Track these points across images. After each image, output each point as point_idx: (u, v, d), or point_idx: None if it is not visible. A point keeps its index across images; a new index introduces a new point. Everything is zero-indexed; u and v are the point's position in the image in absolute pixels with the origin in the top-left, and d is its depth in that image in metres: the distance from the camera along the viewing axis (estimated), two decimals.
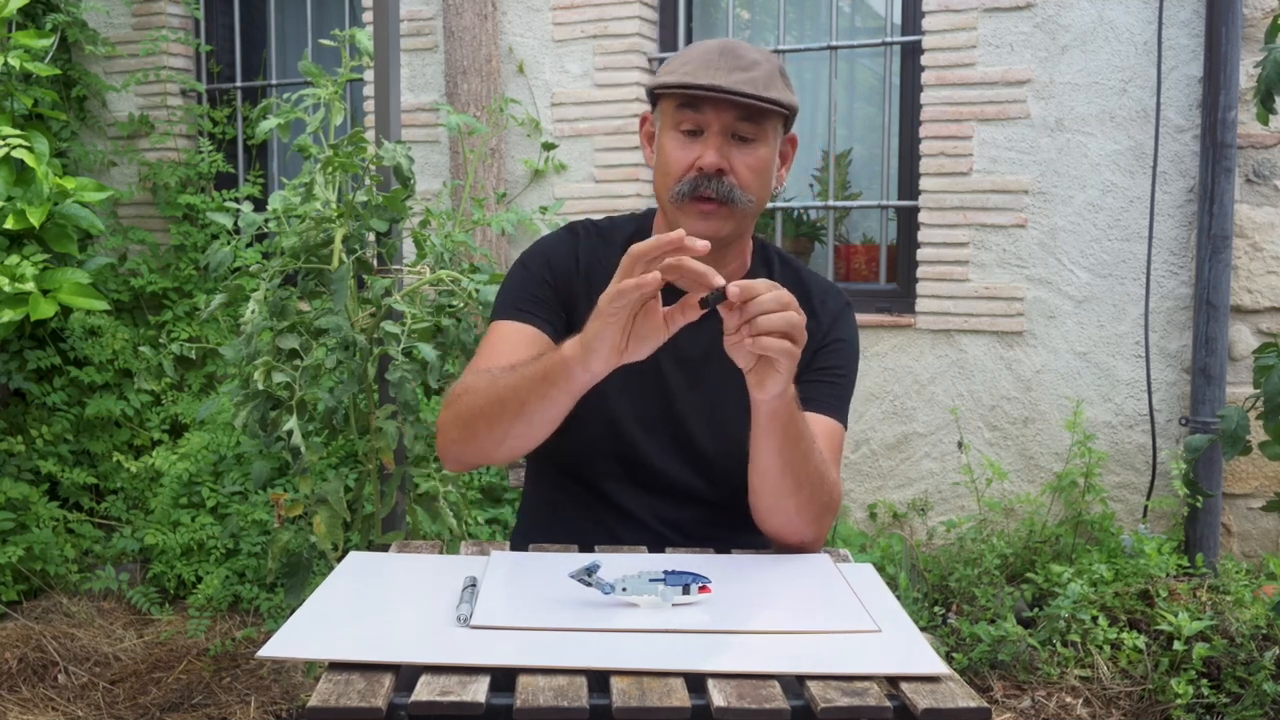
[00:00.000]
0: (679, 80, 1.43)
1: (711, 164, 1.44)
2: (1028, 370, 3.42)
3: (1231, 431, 2.18)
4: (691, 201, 1.46)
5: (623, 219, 1.66)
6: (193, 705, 2.92)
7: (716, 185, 1.45)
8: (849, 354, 1.60)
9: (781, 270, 1.62)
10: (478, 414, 1.40)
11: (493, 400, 1.38)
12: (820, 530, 1.44)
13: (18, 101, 3.77)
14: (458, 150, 3.93)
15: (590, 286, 1.54)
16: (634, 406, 1.53)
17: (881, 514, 3.57)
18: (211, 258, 2.38)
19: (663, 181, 1.50)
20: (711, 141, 1.44)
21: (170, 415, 4.01)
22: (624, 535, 1.51)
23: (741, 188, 1.46)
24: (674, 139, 1.47)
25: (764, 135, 1.47)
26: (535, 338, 1.50)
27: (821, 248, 3.94)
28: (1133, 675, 2.77)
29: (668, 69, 1.47)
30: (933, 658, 1.07)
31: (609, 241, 1.59)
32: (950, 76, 3.46)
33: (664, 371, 1.54)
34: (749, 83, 1.42)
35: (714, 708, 0.97)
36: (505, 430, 1.39)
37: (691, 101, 1.44)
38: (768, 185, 1.51)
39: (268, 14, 4.55)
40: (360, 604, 1.22)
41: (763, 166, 1.48)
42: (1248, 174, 3.18)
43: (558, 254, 1.58)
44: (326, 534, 2.25)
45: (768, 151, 1.48)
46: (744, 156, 1.46)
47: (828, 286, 1.63)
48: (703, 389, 1.54)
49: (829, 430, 1.52)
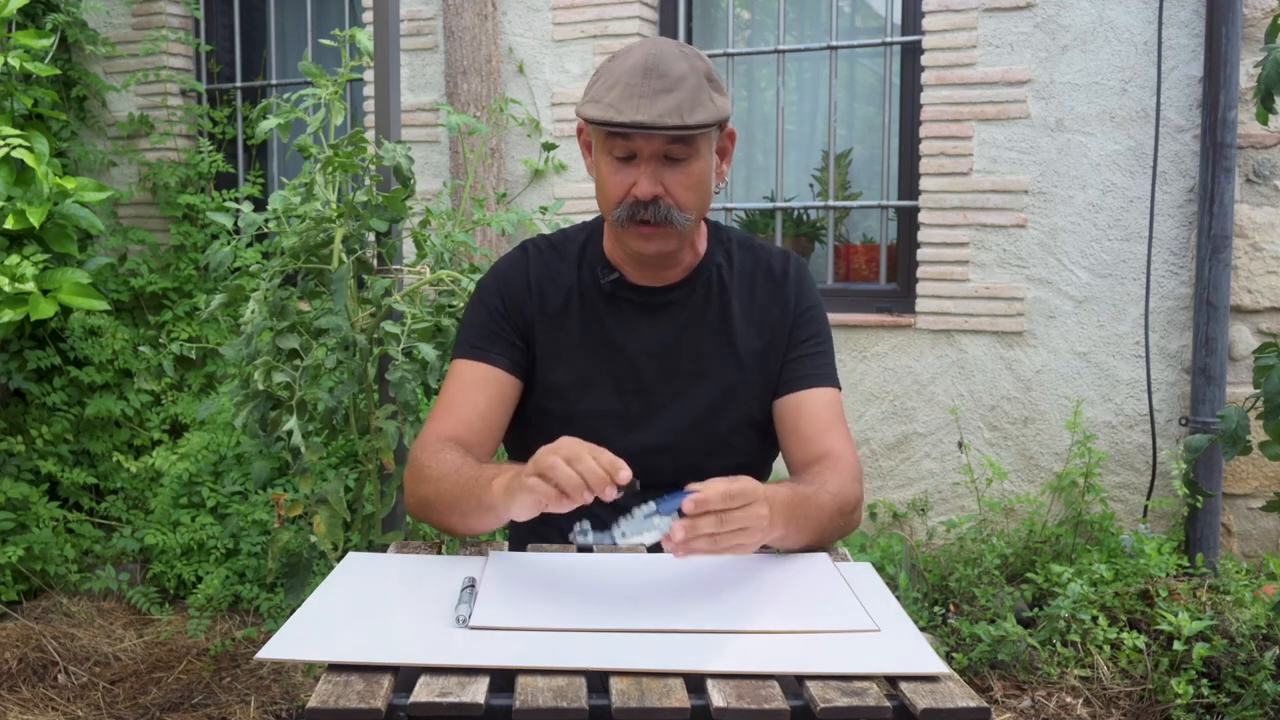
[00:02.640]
0: (602, 116, 1.41)
1: (647, 193, 1.45)
2: (1028, 370, 3.42)
3: (1231, 431, 2.18)
4: (632, 225, 1.48)
5: (574, 229, 1.67)
6: (193, 705, 2.92)
7: (653, 210, 1.46)
8: (819, 315, 1.64)
9: (739, 250, 1.64)
10: (430, 505, 1.45)
11: (442, 498, 1.42)
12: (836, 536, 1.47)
13: (18, 101, 3.77)
14: (458, 150, 3.93)
15: (542, 303, 1.58)
16: (614, 407, 1.55)
17: (881, 514, 3.57)
18: (211, 258, 2.38)
19: (603, 202, 1.52)
20: (644, 169, 1.44)
21: (170, 415, 4.01)
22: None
23: (679, 208, 1.47)
24: (608, 163, 1.48)
25: (696, 151, 1.46)
26: (492, 379, 1.55)
27: (821, 248, 3.94)
28: (1133, 675, 2.77)
29: (593, 95, 1.45)
30: (932, 657, 1.07)
31: (562, 254, 1.62)
32: (950, 76, 3.46)
33: (638, 367, 1.56)
34: (674, 109, 1.40)
35: (713, 708, 0.97)
36: (459, 524, 1.43)
37: (618, 131, 1.43)
38: (707, 195, 1.51)
39: (268, 14, 4.55)
40: (359, 605, 1.22)
41: (698, 182, 1.48)
42: (1248, 174, 3.18)
43: (509, 280, 1.60)
44: (326, 534, 2.25)
45: (702, 165, 1.48)
46: (678, 176, 1.46)
47: (783, 254, 1.65)
48: (679, 379, 1.57)
49: (829, 400, 1.57)
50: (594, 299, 1.58)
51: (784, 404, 1.58)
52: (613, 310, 1.57)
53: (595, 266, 1.59)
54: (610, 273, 1.58)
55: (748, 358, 1.57)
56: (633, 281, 1.58)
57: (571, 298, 1.58)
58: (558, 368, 1.56)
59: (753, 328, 1.59)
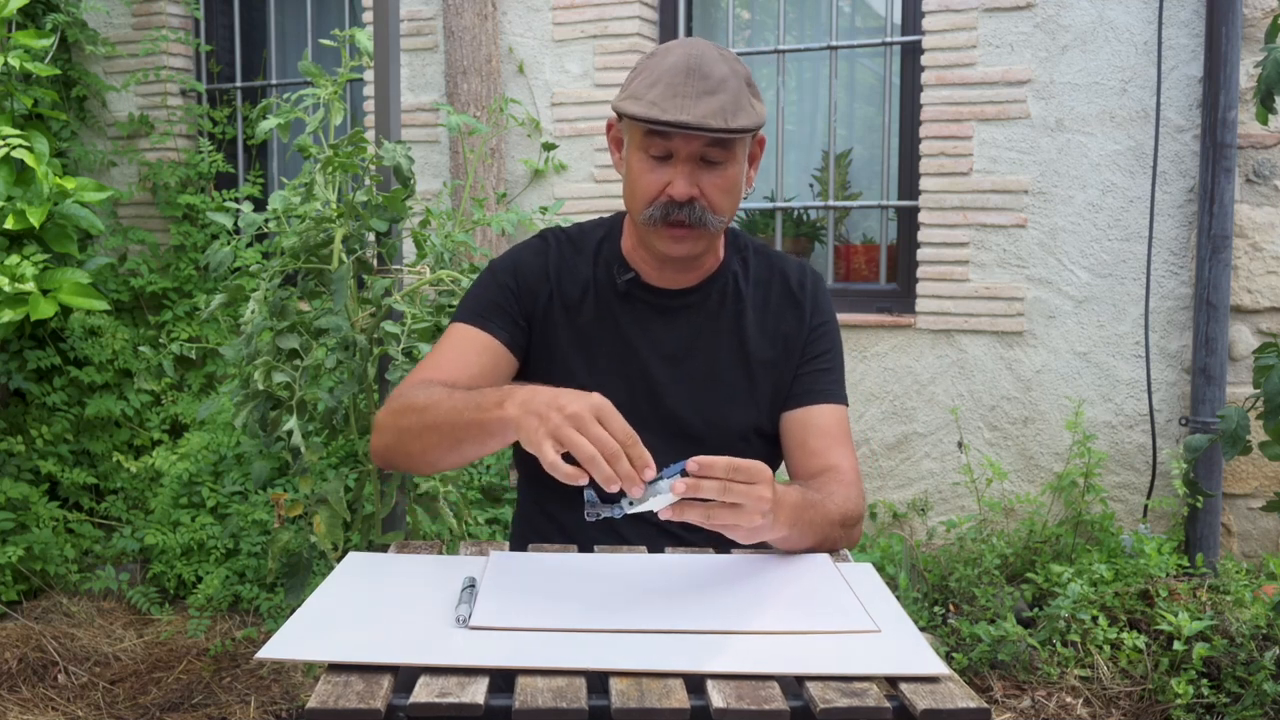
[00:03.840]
0: (645, 114, 1.41)
1: (683, 194, 1.44)
2: (1028, 370, 3.42)
3: (1231, 431, 2.18)
4: (664, 226, 1.47)
5: (591, 224, 1.66)
6: (193, 705, 2.92)
7: (688, 212, 1.45)
8: (833, 331, 1.63)
9: (756, 261, 1.63)
10: (412, 432, 1.42)
11: (429, 425, 1.39)
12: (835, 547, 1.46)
13: (18, 101, 3.77)
14: (458, 150, 3.93)
15: (561, 294, 1.57)
16: (624, 405, 1.54)
17: (881, 514, 3.57)
18: (211, 258, 2.38)
19: (632, 201, 1.50)
20: (681, 169, 1.44)
21: (170, 415, 4.01)
22: (624, 534, 1.52)
23: (713, 211, 1.47)
24: (642, 161, 1.47)
25: (733, 156, 1.46)
26: (488, 346, 1.53)
27: (821, 248, 3.94)
28: (1133, 675, 2.77)
29: (633, 91, 1.45)
30: (932, 658, 1.07)
31: (579, 249, 1.61)
32: (950, 76, 3.46)
33: (650, 369, 1.55)
34: (718, 111, 1.40)
35: (713, 708, 0.97)
36: (436, 455, 1.41)
37: (658, 129, 1.43)
38: (738, 199, 1.51)
39: (268, 14, 4.55)
40: (359, 605, 1.22)
41: (732, 185, 1.48)
42: (1248, 174, 3.18)
43: (528, 263, 1.59)
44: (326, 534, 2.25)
45: (736, 170, 1.48)
46: (714, 179, 1.46)
47: (800, 266, 1.65)
48: (690, 382, 1.56)
49: (838, 417, 1.56)
50: (609, 297, 1.57)
51: (792, 417, 1.57)
52: (627, 309, 1.57)
53: (611, 264, 1.58)
54: (626, 272, 1.57)
55: (758, 366, 1.57)
56: (649, 282, 1.58)
57: (587, 293, 1.58)
58: (568, 361, 1.56)
59: (765, 337, 1.58)
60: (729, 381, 1.56)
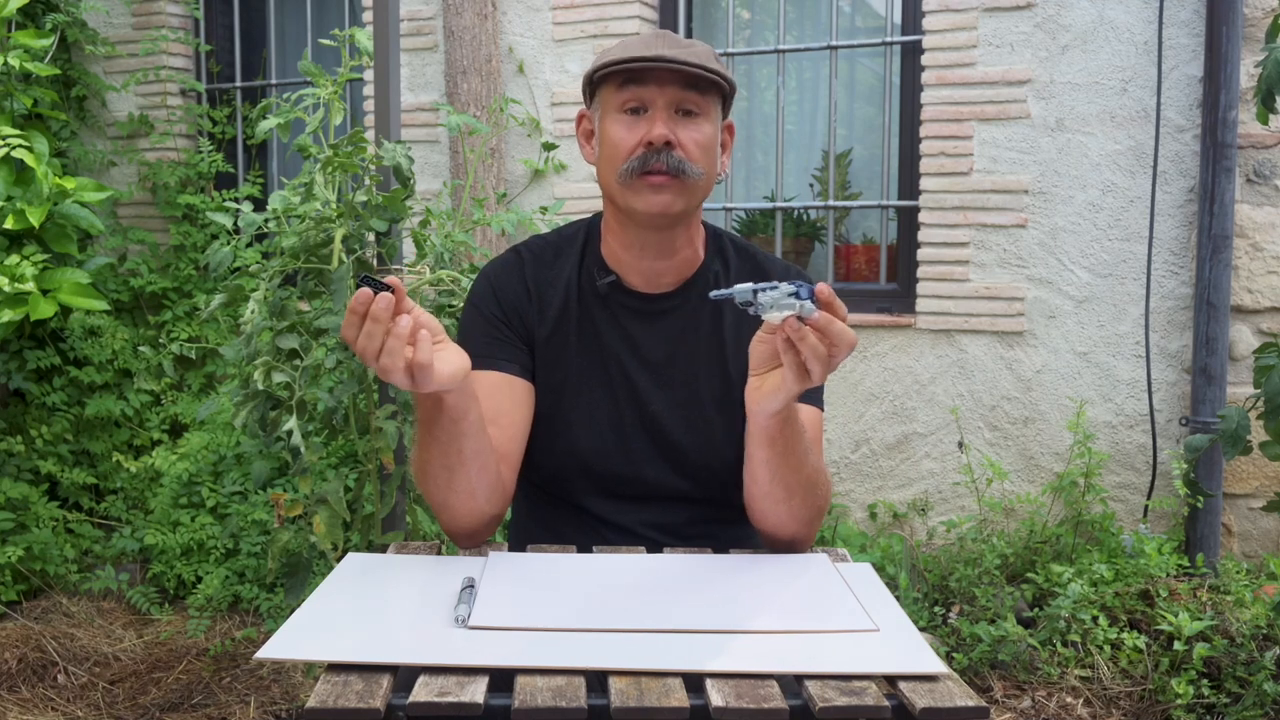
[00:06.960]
0: (621, 55, 1.44)
1: (660, 135, 1.43)
2: (1028, 370, 3.42)
3: (1232, 431, 2.18)
4: (641, 176, 1.45)
5: (569, 227, 1.64)
6: (192, 705, 2.92)
7: (666, 158, 1.44)
8: None
9: (738, 258, 1.61)
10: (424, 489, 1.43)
11: (420, 472, 1.41)
12: (811, 531, 1.45)
13: (18, 101, 3.78)
14: (458, 150, 3.93)
15: (543, 308, 1.55)
16: (607, 411, 1.53)
17: (881, 514, 3.57)
18: (211, 258, 2.38)
19: (609, 166, 1.49)
20: (658, 115, 1.45)
21: (170, 415, 4.01)
22: (617, 543, 1.52)
23: (690, 160, 1.46)
24: (618, 121, 1.47)
25: (707, 110, 1.48)
26: (504, 383, 1.51)
27: (821, 248, 3.94)
28: (1133, 675, 2.77)
29: (605, 55, 1.48)
30: (931, 657, 1.07)
31: (557, 253, 1.59)
32: (950, 76, 3.46)
33: (632, 377, 1.54)
34: (692, 56, 1.44)
35: (712, 708, 0.97)
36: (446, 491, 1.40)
37: (635, 77, 1.44)
38: (714, 162, 1.51)
39: (267, 14, 4.55)
40: (358, 605, 1.22)
41: (708, 142, 1.48)
42: (1248, 174, 3.18)
43: (506, 285, 1.56)
44: (326, 534, 2.25)
45: (711, 129, 1.49)
46: (690, 131, 1.46)
47: (786, 268, 1.63)
48: (672, 389, 1.54)
49: (814, 420, 1.54)
50: (589, 300, 1.56)
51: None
52: (607, 314, 1.55)
53: (592, 267, 1.57)
54: (607, 274, 1.56)
55: (735, 371, 1.54)
56: (630, 286, 1.57)
57: (568, 299, 1.56)
58: (552, 369, 1.55)
59: (744, 339, 1.57)
60: (709, 387, 1.55)
